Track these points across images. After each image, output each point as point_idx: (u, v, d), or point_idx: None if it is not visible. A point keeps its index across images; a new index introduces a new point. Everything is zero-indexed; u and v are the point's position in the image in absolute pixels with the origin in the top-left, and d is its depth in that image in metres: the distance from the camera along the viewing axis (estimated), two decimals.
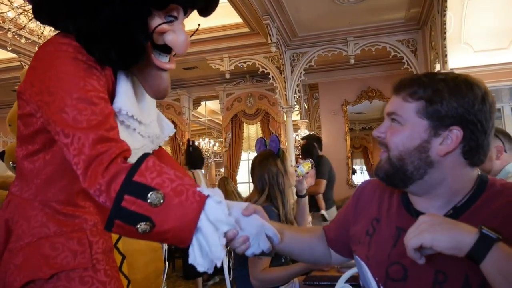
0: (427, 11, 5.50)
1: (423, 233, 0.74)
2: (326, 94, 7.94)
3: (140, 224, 0.82)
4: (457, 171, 0.91)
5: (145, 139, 1.12)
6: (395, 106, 0.95)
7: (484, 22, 5.77)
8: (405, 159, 0.92)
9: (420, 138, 0.91)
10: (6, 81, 7.65)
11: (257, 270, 1.86)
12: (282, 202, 2.02)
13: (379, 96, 7.57)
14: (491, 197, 0.90)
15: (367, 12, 5.68)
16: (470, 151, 0.90)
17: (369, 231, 1.05)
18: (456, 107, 0.88)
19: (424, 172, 0.91)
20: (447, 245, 0.73)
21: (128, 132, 1.04)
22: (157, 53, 1.02)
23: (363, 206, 1.11)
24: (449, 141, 0.89)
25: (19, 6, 4.27)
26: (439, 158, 0.90)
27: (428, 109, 0.90)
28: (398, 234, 0.96)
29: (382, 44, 6.23)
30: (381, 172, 0.98)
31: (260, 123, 8.24)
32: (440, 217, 0.80)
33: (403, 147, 0.92)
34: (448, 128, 0.89)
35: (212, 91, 8.46)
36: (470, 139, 0.89)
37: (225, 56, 6.87)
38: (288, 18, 5.78)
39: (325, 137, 7.94)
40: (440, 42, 4.98)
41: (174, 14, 0.99)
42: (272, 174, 2.04)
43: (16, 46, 5.84)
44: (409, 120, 0.92)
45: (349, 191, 7.53)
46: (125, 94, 1.03)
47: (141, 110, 1.09)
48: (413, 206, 0.98)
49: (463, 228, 0.74)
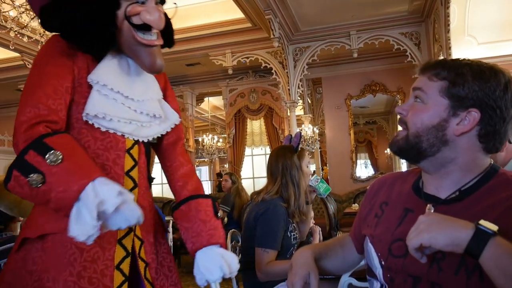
0: (430, 4, 5.46)
1: (422, 234, 0.77)
2: (329, 88, 7.92)
3: (33, 175, 0.95)
4: (470, 153, 0.94)
5: (138, 114, 1.21)
6: (421, 83, 0.99)
7: (488, 14, 5.73)
8: (421, 136, 0.95)
9: (439, 116, 0.94)
10: (10, 80, 7.67)
11: (262, 263, 1.87)
12: (295, 194, 2.03)
13: (382, 90, 7.54)
14: (499, 185, 0.91)
15: (369, 5, 5.65)
16: (486, 135, 0.92)
17: (377, 214, 1.08)
18: (477, 90, 0.90)
19: (437, 150, 0.94)
20: (445, 242, 0.75)
21: (107, 101, 1.15)
22: (141, 33, 1.15)
23: (374, 198, 1.14)
24: (466, 122, 0.92)
25: (20, 5, 4.27)
26: (454, 137, 0.93)
27: (450, 90, 0.93)
28: (404, 214, 1.00)
29: (385, 37, 6.20)
30: (395, 146, 1.01)
31: (264, 118, 8.24)
32: (437, 215, 0.81)
33: (421, 125, 0.95)
34: (467, 109, 0.91)
35: (215, 87, 8.46)
36: (487, 124, 0.91)
37: (227, 51, 6.86)
38: (291, 12, 5.76)
39: (329, 132, 7.93)
40: (444, 34, 4.95)
41: None
42: (286, 166, 2.07)
43: (19, 45, 5.85)
44: (431, 98, 0.95)
45: (353, 186, 7.52)
46: (104, 69, 1.17)
47: (130, 87, 1.21)
48: (424, 189, 1.01)
49: (460, 225, 0.76)
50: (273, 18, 5.51)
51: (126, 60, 1.23)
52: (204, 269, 1.22)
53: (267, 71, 7.36)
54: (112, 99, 1.16)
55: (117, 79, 1.18)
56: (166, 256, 1.30)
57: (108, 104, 1.15)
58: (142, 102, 1.22)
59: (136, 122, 1.21)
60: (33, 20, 4.40)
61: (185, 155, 1.42)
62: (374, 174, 8.13)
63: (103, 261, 1.11)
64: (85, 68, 1.17)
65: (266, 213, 1.95)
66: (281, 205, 1.98)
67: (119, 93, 1.17)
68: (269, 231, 1.92)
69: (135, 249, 1.20)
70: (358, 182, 7.61)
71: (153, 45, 1.17)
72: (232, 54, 6.89)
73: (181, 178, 1.37)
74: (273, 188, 2.05)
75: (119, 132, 1.18)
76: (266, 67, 6.95)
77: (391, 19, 6.08)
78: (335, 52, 6.61)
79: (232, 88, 8.32)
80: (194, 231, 1.28)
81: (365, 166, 8.65)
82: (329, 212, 5.12)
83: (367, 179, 7.65)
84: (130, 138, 1.21)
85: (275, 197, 2.02)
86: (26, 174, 0.96)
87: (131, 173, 1.22)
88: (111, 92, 1.16)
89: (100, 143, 1.17)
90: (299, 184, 2.05)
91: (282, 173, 2.07)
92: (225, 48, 6.82)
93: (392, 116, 8.52)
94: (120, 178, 1.18)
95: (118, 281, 1.12)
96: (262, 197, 2.05)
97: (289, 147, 2.15)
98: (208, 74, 8.12)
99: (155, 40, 1.18)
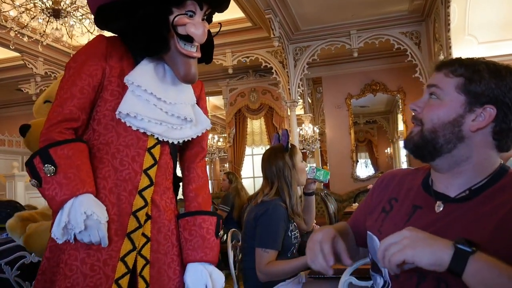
0: (430, 3, 5.45)
1: (406, 250, 0.77)
2: (329, 87, 7.92)
3: (33, 179, 1.14)
4: (484, 150, 0.95)
5: (169, 116, 1.28)
6: (437, 79, 0.99)
7: (489, 13, 5.72)
8: (438, 131, 0.95)
9: (455, 112, 0.94)
10: (10, 80, 7.67)
11: (262, 263, 1.87)
12: (289, 195, 2.03)
13: (383, 89, 7.54)
14: (508, 185, 0.92)
15: (370, 5, 5.65)
16: (500, 132, 0.93)
17: (385, 208, 1.08)
18: (494, 87, 0.92)
19: (454, 146, 0.95)
20: (428, 261, 0.76)
21: (139, 101, 1.23)
22: (182, 43, 1.24)
23: (383, 192, 1.14)
24: (481, 118, 0.93)
25: (20, 4, 4.27)
26: (470, 133, 0.93)
27: (467, 86, 0.94)
28: (413, 211, 1.00)
29: (385, 36, 6.19)
30: (410, 144, 1.01)
31: (264, 118, 8.24)
32: (421, 232, 0.81)
33: (438, 120, 0.96)
34: (483, 106, 0.92)
35: (215, 87, 8.45)
36: (502, 121, 0.92)
37: (227, 51, 6.86)
38: (291, 12, 5.76)
39: (329, 131, 7.93)
40: (444, 34, 4.94)
41: (191, 9, 1.24)
42: (279, 168, 2.06)
43: (19, 45, 5.85)
44: (448, 94, 0.96)
45: (353, 185, 7.52)
46: (140, 71, 1.25)
47: (164, 90, 1.28)
48: (433, 187, 1.01)
49: (442, 244, 0.77)
50: (273, 18, 5.50)
51: (163, 66, 1.31)
52: (190, 282, 1.31)
53: (267, 71, 7.35)
54: (145, 100, 1.24)
55: (151, 82, 1.25)
56: (175, 258, 1.33)
57: (140, 104, 1.23)
58: (174, 105, 1.29)
59: (167, 124, 1.27)
60: (33, 20, 4.40)
61: (203, 168, 1.49)
62: (375, 173, 8.13)
63: (107, 251, 1.17)
64: (117, 68, 1.26)
65: (266, 213, 1.95)
66: (281, 205, 1.99)
67: (152, 94, 1.24)
68: (269, 231, 1.92)
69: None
70: (358, 182, 7.61)
71: (191, 56, 1.26)
72: (232, 53, 6.89)
73: (194, 190, 1.44)
74: (271, 191, 2.05)
75: (149, 132, 1.25)
76: (266, 67, 6.95)
77: (391, 18, 6.08)
78: (335, 51, 6.60)
79: (232, 87, 8.32)
80: (192, 244, 1.34)
81: (365, 165, 8.66)
82: (330, 211, 5.12)
83: (367, 179, 7.64)
84: (160, 138, 1.28)
85: (274, 197, 2.02)
86: (32, 175, 1.16)
87: (149, 171, 1.27)
88: (145, 93, 1.23)
89: (123, 140, 1.24)
90: (291, 184, 2.05)
91: (277, 176, 2.06)
92: (225, 48, 6.81)
93: (392, 115, 8.52)
94: (137, 175, 1.25)
95: (120, 272, 1.18)
96: (261, 199, 2.05)
97: (279, 147, 2.13)
98: (208, 74, 8.11)
99: (194, 52, 1.27)
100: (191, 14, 1.24)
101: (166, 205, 1.33)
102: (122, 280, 1.18)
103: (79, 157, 1.16)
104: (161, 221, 1.29)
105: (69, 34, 4.64)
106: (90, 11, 1.33)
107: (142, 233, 1.24)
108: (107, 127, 1.24)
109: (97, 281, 1.14)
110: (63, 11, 4.32)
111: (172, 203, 1.37)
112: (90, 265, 1.14)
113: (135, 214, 1.23)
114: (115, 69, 1.25)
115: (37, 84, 7.54)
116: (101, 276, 1.15)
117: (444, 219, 0.93)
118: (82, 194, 1.11)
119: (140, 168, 1.25)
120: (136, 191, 1.24)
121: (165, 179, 1.33)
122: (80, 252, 1.15)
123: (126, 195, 1.23)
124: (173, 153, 1.37)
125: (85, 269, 1.14)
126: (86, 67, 1.22)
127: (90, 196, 1.13)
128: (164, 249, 1.29)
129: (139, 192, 1.25)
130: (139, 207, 1.24)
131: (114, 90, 1.24)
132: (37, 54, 6.45)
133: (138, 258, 1.23)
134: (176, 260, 1.33)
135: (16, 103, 9.16)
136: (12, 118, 8.92)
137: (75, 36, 4.88)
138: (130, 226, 1.22)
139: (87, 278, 1.13)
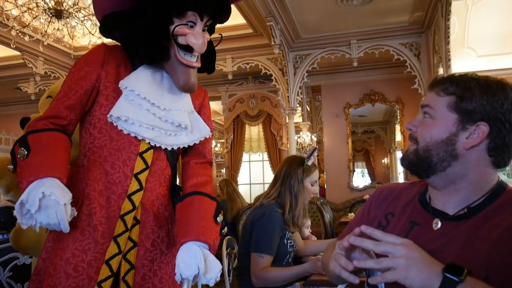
0: (431, 15, 5.49)
1: (400, 271, 0.78)
2: (328, 96, 7.94)
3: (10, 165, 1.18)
4: (480, 168, 0.94)
5: (162, 122, 1.28)
6: (429, 99, 1.00)
7: (488, 27, 5.76)
8: (431, 150, 0.96)
9: (448, 131, 0.94)
10: (9, 78, 7.66)
11: (257, 268, 1.88)
12: (291, 203, 2.04)
13: (381, 99, 7.56)
14: (505, 204, 0.91)
15: (370, 15, 5.68)
16: (495, 148, 0.93)
17: (382, 223, 1.08)
18: (485, 104, 0.92)
19: (448, 165, 0.94)
20: (418, 286, 0.77)
21: (132, 106, 1.25)
22: (182, 53, 1.26)
23: (380, 206, 1.13)
24: (475, 136, 0.92)
25: (23, 4, 4.28)
26: (464, 151, 0.93)
27: (458, 104, 0.94)
28: (411, 227, 1.00)
29: (385, 47, 6.22)
30: (405, 161, 1.02)
31: (262, 124, 8.23)
32: (417, 251, 0.81)
33: (431, 139, 0.96)
34: (476, 123, 0.92)
35: (215, 92, 8.45)
36: (496, 137, 0.92)
37: (228, 57, 6.88)
38: (292, 20, 5.78)
39: (327, 140, 7.93)
40: (444, 46, 4.97)
41: (192, 20, 1.26)
42: (288, 174, 2.09)
43: (20, 44, 5.85)
44: (440, 113, 0.96)
45: (350, 195, 7.52)
46: (135, 77, 1.27)
47: (159, 95, 1.29)
48: (431, 204, 1.01)
49: (433, 271, 0.78)
50: (275, 25, 5.52)
51: (161, 73, 1.33)
52: (181, 262, 1.16)
53: (267, 78, 7.37)
54: (138, 104, 1.25)
55: (146, 87, 1.27)
56: (163, 266, 1.29)
57: (132, 109, 1.24)
58: (169, 111, 1.30)
59: (160, 129, 1.28)
60: (35, 19, 4.41)
61: (205, 170, 1.43)
62: (371, 183, 8.12)
63: (92, 253, 1.18)
64: (114, 74, 1.29)
65: (262, 218, 1.96)
66: (277, 211, 1.99)
67: (146, 99, 1.26)
68: (265, 236, 1.92)
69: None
70: (354, 191, 7.60)
71: (191, 66, 1.28)
72: (233, 59, 6.91)
73: (192, 187, 1.37)
74: (272, 193, 2.08)
75: (140, 136, 1.25)
76: (266, 74, 6.96)
77: (391, 29, 6.11)
78: (335, 60, 6.63)
79: (232, 93, 8.33)
80: (187, 222, 1.25)
81: (362, 175, 8.65)
82: (325, 220, 5.11)
83: (364, 188, 7.64)
84: (152, 143, 1.27)
85: (272, 202, 2.04)
86: (12, 161, 1.19)
87: (139, 175, 1.27)
88: (138, 98, 1.25)
89: (115, 143, 1.25)
90: (297, 196, 2.05)
91: (283, 179, 2.09)
92: (226, 53, 6.83)
93: (390, 125, 8.54)
94: (128, 178, 1.25)
95: (103, 274, 1.18)
96: (260, 202, 2.06)
97: (301, 158, 2.17)
98: (208, 79, 8.11)
99: (194, 62, 1.29)
100: (192, 25, 1.26)
101: (159, 212, 1.31)
102: (105, 283, 1.18)
103: (54, 144, 1.17)
104: (150, 227, 1.28)
105: (70, 35, 4.64)
106: (96, 18, 1.39)
107: (128, 237, 1.24)
108: (101, 130, 1.26)
109: (79, 282, 1.14)
110: (65, 12, 4.32)
111: (167, 211, 1.35)
112: (74, 265, 1.15)
113: (123, 218, 1.23)
114: (112, 75, 1.28)
115: (36, 83, 7.55)
116: (84, 277, 1.15)
117: (441, 238, 0.92)
118: (48, 177, 1.09)
119: (130, 172, 1.25)
120: (125, 194, 1.24)
121: (159, 185, 1.32)
122: (66, 252, 1.16)
123: (115, 198, 1.23)
124: (172, 160, 1.36)
125: (69, 269, 1.14)
126: (82, 72, 1.27)
127: (56, 180, 1.10)
128: (151, 255, 1.27)
129: (128, 196, 1.25)
130: (127, 210, 1.24)
131: (109, 95, 1.27)
132: (38, 53, 6.44)
133: (123, 262, 1.22)
134: (164, 269, 1.28)
135: (14, 101, 9.14)
136: (10, 116, 8.88)
137: (76, 37, 4.89)
138: (117, 229, 1.22)
139: (70, 278, 1.14)
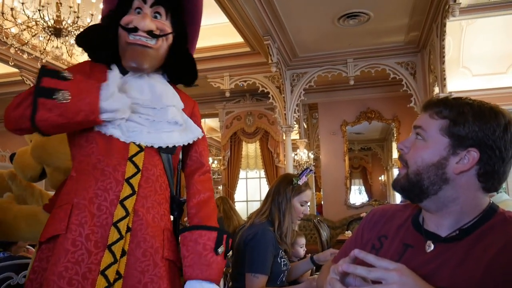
0: (426, 35, 5.57)
1: None
2: (325, 114, 7.98)
3: (57, 94, 1.13)
4: (470, 192, 0.94)
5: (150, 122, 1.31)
6: (422, 121, 1.00)
7: (483, 46, 5.84)
8: (422, 173, 0.95)
9: (439, 154, 0.94)
10: (7, 95, 7.66)
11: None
12: (279, 221, 2.03)
13: (378, 117, 7.60)
14: (496, 226, 0.91)
15: (367, 35, 5.75)
16: (485, 174, 0.92)
17: (375, 245, 1.07)
18: (477, 130, 0.91)
19: (439, 188, 0.94)
20: None
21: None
22: (132, 36, 1.31)
23: (374, 229, 1.13)
24: (465, 161, 0.92)
25: (22, 22, 4.32)
26: (454, 176, 0.93)
27: (450, 129, 0.94)
28: (404, 250, 0.99)
29: (381, 66, 6.29)
30: (397, 186, 1.02)
31: (259, 141, 8.24)
32: (411, 277, 0.80)
33: (422, 162, 0.96)
34: (467, 149, 0.92)
35: (212, 109, 8.49)
36: (486, 163, 0.92)
37: (225, 74, 6.92)
38: (289, 39, 5.85)
39: (324, 157, 7.94)
40: (439, 65, 5.03)
41: (138, 6, 1.36)
42: (277, 191, 2.09)
43: (18, 61, 5.88)
44: (431, 136, 0.96)
45: (347, 212, 7.49)
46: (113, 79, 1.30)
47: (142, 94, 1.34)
48: (424, 226, 1.01)
49: None
50: (272, 44, 5.58)
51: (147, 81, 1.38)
52: None
53: (264, 95, 7.40)
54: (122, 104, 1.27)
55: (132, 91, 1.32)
56: (156, 280, 1.21)
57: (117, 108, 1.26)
58: (154, 109, 1.32)
59: (149, 129, 1.31)
60: (34, 37, 4.44)
61: (204, 183, 1.46)
62: (368, 201, 8.10)
63: (87, 264, 1.13)
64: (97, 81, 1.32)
65: (254, 238, 1.94)
66: (269, 230, 1.98)
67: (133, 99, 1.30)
68: (258, 256, 1.90)
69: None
70: (351, 209, 7.58)
71: (137, 43, 1.31)
72: (230, 77, 6.95)
73: (195, 206, 1.41)
74: (264, 210, 2.08)
75: (124, 138, 1.26)
76: (263, 91, 7.00)
77: (387, 48, 6.18)
78: (332, 78, 6.68)
79: (229, 110, 8.36)
80: (188, 261, 1.30)
81: (359, 192, 8.64)
82: (322, 238, 5.08)
83: (361, 206, 7.62)
84: (141, 144, 1.28)
85: (264, 221, 2.03)
86: (51, 96, 1.13)
87: (131, 180, 1.24)
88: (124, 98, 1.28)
89: (103, 149, 1.24)
90: (284, 213, 2.04)
91: (273, 197, 2.09)
92: (223, 71, 6.88)
93: (387, 143, 8.57)
94: (119, 184, 1.22)
95: (100, 286, 1.13)
96: (253, 221, 2.05)
97: (293, 176, 2.14)
98: (205, 96, 8.15)
99: (142, 40, 1.31)
100: (139, 11, 1.35)
101: (154, 221, 1.26)
102: None
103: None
104: (141, 235, 1.22)
105: (69, 52, 4.68)
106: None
107: None
108: (88, 138, 1.26)
109: None
110: (65, 30, 4.36)
111: (163, 221, 1.31)
112: (68, 279, 1.10)
113: (116, 225, 1.19)
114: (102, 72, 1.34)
115: None
116: None
117: (434, 261, 0.92)
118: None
119: (122, 177, 1.23)
120: (117, 200, 1.21)
121: (154, 192, 1.29)
122: (58, 266, 1.11)
123: (107, 205, 1.20)
124: (167, 167, 1.35)
125: (63, 284, 1.09)
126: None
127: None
128: (141, 266, 1.20)
129: (120, 201, 1.21)
130: (120, 217, 1.20)
131: None
132: (36, 70, 6.47)
133: None
134: (157, 282, 1.20)
135: None
136: (6, 133, 8.84)
137: (75, 55, 4.92)
138: (111, 237, 1.18)
139: None
